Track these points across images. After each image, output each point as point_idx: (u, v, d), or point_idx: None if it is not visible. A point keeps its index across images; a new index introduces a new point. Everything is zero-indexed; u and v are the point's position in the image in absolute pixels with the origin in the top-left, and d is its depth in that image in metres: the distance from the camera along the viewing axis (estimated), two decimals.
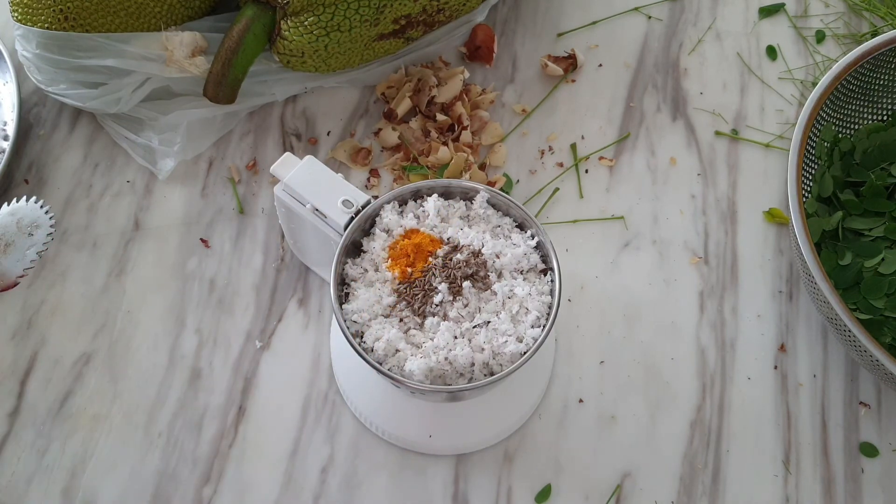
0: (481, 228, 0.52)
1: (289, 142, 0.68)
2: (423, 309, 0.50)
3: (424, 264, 0.50)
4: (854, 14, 0.73)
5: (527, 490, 0.57)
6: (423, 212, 0.53)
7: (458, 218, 0.53)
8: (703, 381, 0.60)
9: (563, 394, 0.59)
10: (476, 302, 0.50)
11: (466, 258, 0.51)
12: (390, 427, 0.57)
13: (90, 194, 0.66)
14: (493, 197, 0.53)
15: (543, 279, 0.51)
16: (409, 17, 0.63)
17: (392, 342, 0.49)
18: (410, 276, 0.50)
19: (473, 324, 0.49)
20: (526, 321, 0.50)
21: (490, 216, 0.53)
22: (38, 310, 0.62)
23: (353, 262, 0.52)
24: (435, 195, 0.53)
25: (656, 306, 0.62)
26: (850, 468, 0.58)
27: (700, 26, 0.73)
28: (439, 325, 0.49)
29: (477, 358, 0.49)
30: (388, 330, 0.49)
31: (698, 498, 0.57)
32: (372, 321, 0.50)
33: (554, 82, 0.70)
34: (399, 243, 0.51)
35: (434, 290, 0.50)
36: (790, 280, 0.63)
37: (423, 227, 0.52)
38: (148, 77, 0.64)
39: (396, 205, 0.53)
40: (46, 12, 0.61)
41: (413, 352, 0.49)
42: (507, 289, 0.50)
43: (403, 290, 0.50)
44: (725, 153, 0.68)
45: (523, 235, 0.52)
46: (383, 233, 0.52)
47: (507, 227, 0.53)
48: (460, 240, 0.51)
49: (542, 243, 0.52)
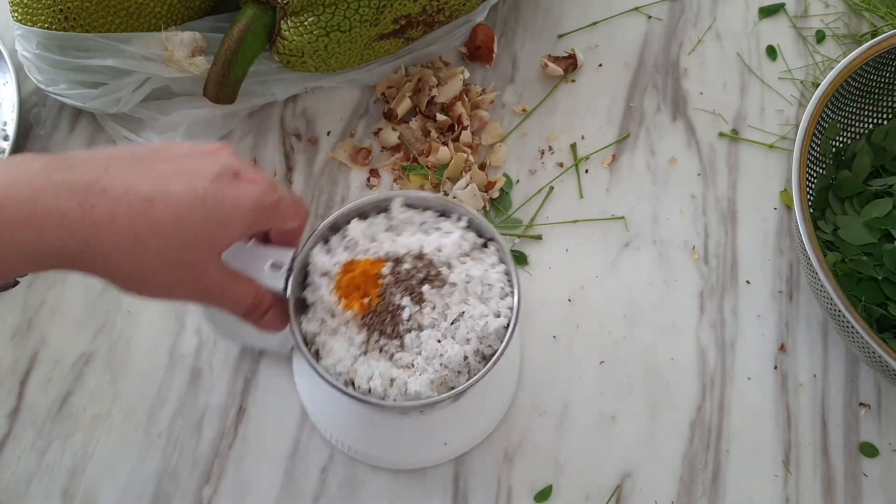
0: (410, 231, 0.52)
1: (289, 142, 0.68)
2: (396, 330, 0.49)
3: (377, 288, 0.49)
4: (854, 14, 0.73)
5: (527, 490, 0.57)
6: (350, 240, 0.51)
7: (384, 232, 0.52)
8: (703, 381, 0.60)
9: (563, 393, 0.59)
10: (441, 300, 0.50)
11: (413, 264, 0.50)
12: (390, 453, 0.56)
13: None
14: (406, 198, 0.53)
15: (488, 250, 0.52)
16: (409, 17, 0.63)
17: (385, 374, 0.48)
18: (370, 305, 0.49)
19: (450, 321, 0.49)
20: (493, 295, 0.50)
21: (412, 217, 0.53)
22: (38, 310, 0.62)
23: (307, 319, 0.50)
24: (354, 220, 0.52)
25: (656, 306, 0.62)
26: (850, 468, 0.58)
27: (700, 26, 0.73)
28: (419, 337, 0.49)
29: (467, 350, 0.49)
30: (374, 365, 0.48)
31: (698, 498, 0.57)
32: (355, 364, 0.49)
33: (554, 82, 0.70)
34: (343, 280, 0.50)
35: (399, 308, 0.49)
36: (790, 280, 0.63)
37: (358, 255, 0.51)
38: (148, 77, 0.64)
39: (322, 245, 0.52)
40: (46, 12, 0.61)
41: (408, 373, 0.48)
42: (463, 275, 0.50)
43: (371, 321, 0.49)
44: (725, 153, 0.68)
45: (451, 221, 0.53)
46: (323, 278, 0.50)
47: (431, 220, 0.53)
48: (398, 250, 0.51)
49: (471, 220, 0.52)
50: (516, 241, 0.64)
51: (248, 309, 0.47)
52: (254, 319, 0.48)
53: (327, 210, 0.65)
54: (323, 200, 0.66)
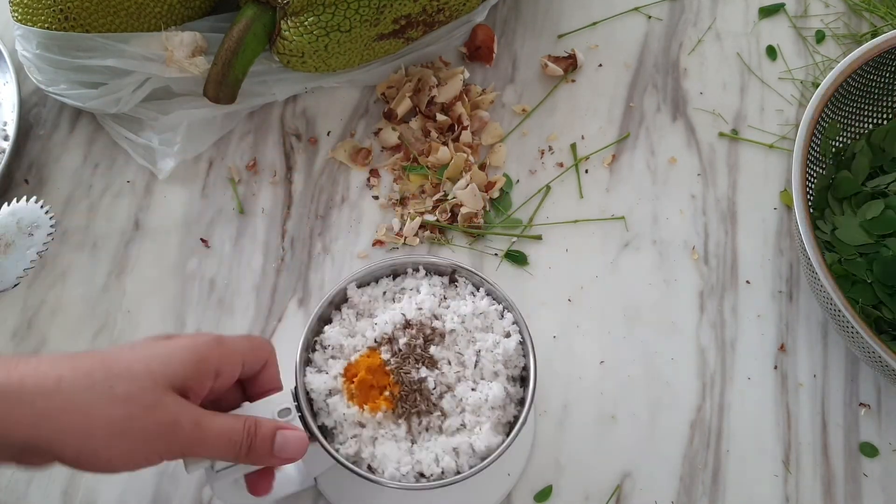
0: (382, 308, 0.51)
1: (289, 142, 0.68)
2: (430, 402, 0.48)
3: (389, 376, 0.48)
4: (854, 14, 0.73)
5: (527, 490, 0.57)
6: (332, 348, 0.50)
7: (358, 322, 0.50)
8: (703, 381, 0.60)
9: (563, 393, 0.59)
10: (452, 352, 0.49)
11: (407, 336, 0.49)
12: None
13: (90, 194, 0.66)
14: (357, 280, 0.51)
15: (459, 283, 0.51)
16: (409, 17, 0.63)
17: (446, 448, 0.47)
18: (393, 395, 0.48)
19: (472, 364, 0.48)
20: (492, 319, 0.50)
21: (372, 293, 0.51)
22: (38, 310, 0.62)
23: (340, 444, 0.47)
24: (326, 327, 0.50)
25: (656, 306, 0.62)
26: (850, 468, 0.58)
27: (700, 26, 0.73)
28: (455, 396, 0.48)
29: (502, 381, 0.49)
30: (432, 447, 0.47)
31: (698, 498, 0.57)
32: (413, 457, 0.47)
33: (554, 82, 0.70)
34: (353, 388, 0.48)
35: (421, 381, 0.48)
36: (790, 280, 0.63)
37: (350, 357, 0.49)
38: (148, 77, 0.64)
39: (309, 368, 0.49)
40: (46, 12, 0.61)
41: (466, 434, 0.47)
42: (456, 318, 0.49)
43: (402, 410, 0.47)
44: (725, 153, 0.68)
45: (411, 277, 0.52)
46: (332, 397, 0.48)
47: (391, 286, 0.52)
48: (384, 332, 0.49)
49: (426, 266, 0.51)
50: (515, 240, 0.64)
51: (244, 444, 0.41)
52: (262, 455, 0.42)
53: (327, 210, 0.65)
54: (323, 200, 0.66)
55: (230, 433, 0.40)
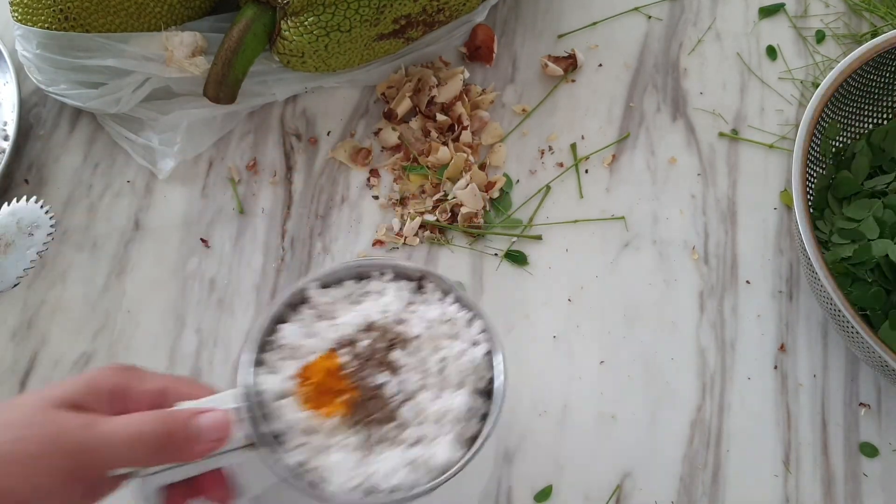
0: (344, 310, 0.47)
1: (289, 142, 0.68)
2: (387, 410, 0.43)
3: (347, 380, 0.44)
4: (854, 14, 0.73)
5: (527, 490, 0.57)
6: (287, 347, 0.45)
7: (317, 323, 0.46)
8: (703, 381, 0.60)
9: (563, 394, 0.59)
10: (415, 358, 0.45)
11: (370, 338, 0.45)
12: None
13: (90, 194, 0.66)
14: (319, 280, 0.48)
15: (428, 288, 0.48)
16: (409, 17, 0.63)
17: (403, 460, 0.42)
18: (352, 400, 0.43)
19: (436, 371, 0.45)
20: (459, 326, 0.46)
21: (334, 295, 0.48)
22: (38, 310, 0.62)
23: (285, 452, 0.43)
24: (279, 325, 0.46)
25: (656, 306, 0.62)
26: (850, 468, 0.58)
27: (700, 26, 0.73)
28: (418, 405, 0.44)
29: (467, 393, 0.45)
30: (387, 459, 0.42)
31: (698, 498, 0.57)
32: (364, 469, 0.42)
33: (554, 82, 0.70)
34: (307, 391, 0.43)
35: (379, 387, 0.44)
36: (790, 280, 0.63)
37: (307, 357, 0.45)
38: (148, 77, 0.64)
39: (260, 366, 0.45)
40: (46, 12, 0.61)
41: (425, 447, 0.43)
42: (423, 323, 0.46)
43: (361, 416, 0.43)
44: (725, 153, 0.68)
45: (376, 280, 0.48)
46: (282, 401, 0.44)
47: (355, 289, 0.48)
48: (344, 333, 0.45)
49: (395, 269, 0.48)
50: (515, 240, 0.64)
51: (159, 435, 0.36)
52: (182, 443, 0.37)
53: (327, 210, 0.65)
54: (323, 200, 0.66)
55: (138, 425, 0.36)
